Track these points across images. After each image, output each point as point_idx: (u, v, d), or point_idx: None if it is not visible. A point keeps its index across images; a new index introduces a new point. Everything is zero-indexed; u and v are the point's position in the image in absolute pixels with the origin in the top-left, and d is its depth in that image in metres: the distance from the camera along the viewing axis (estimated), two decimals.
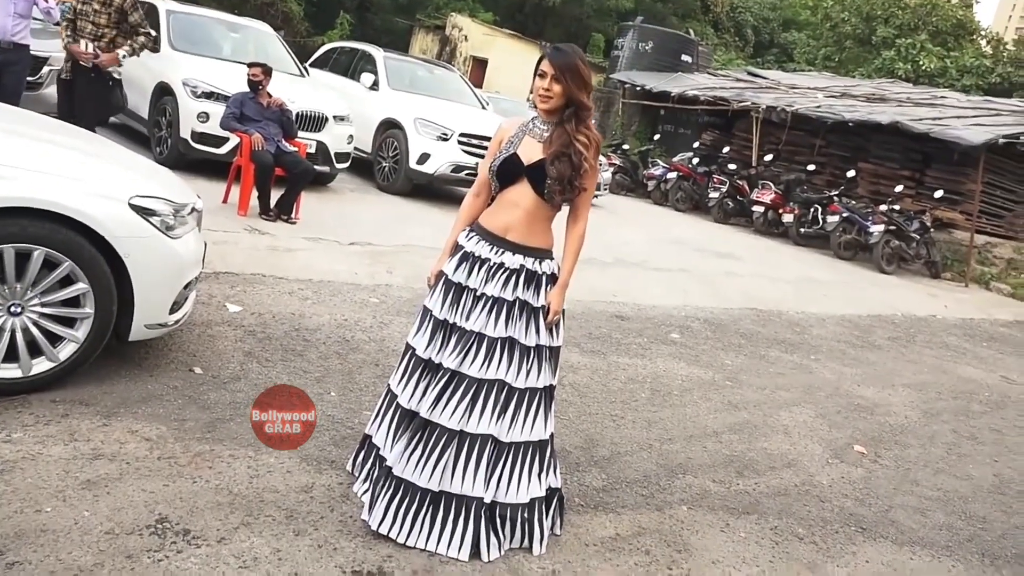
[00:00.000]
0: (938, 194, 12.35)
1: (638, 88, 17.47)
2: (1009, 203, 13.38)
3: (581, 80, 2.61)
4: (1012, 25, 61.95)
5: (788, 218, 12.64)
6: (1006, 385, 6.47)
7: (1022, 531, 3.69)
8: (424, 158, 9.07)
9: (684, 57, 18.99)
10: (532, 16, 27.56)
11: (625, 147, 15.85)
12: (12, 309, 3.06)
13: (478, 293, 2.66)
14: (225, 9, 12.87)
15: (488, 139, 7.23)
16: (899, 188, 12.47)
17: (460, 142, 9.08)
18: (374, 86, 10.01)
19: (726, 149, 14.76)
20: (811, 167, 13.51)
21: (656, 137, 16.73)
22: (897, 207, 12.07)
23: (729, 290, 8.12)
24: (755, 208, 13.09)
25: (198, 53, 8.34)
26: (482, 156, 5.10)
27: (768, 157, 14.24)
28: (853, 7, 24.70)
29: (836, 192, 12.57)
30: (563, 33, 26.01)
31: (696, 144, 15.50)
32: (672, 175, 14.36)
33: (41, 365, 3.11)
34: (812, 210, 12.51)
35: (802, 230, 12.52)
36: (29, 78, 6.90)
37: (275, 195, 7.02)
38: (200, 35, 8.73)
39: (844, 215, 11.93)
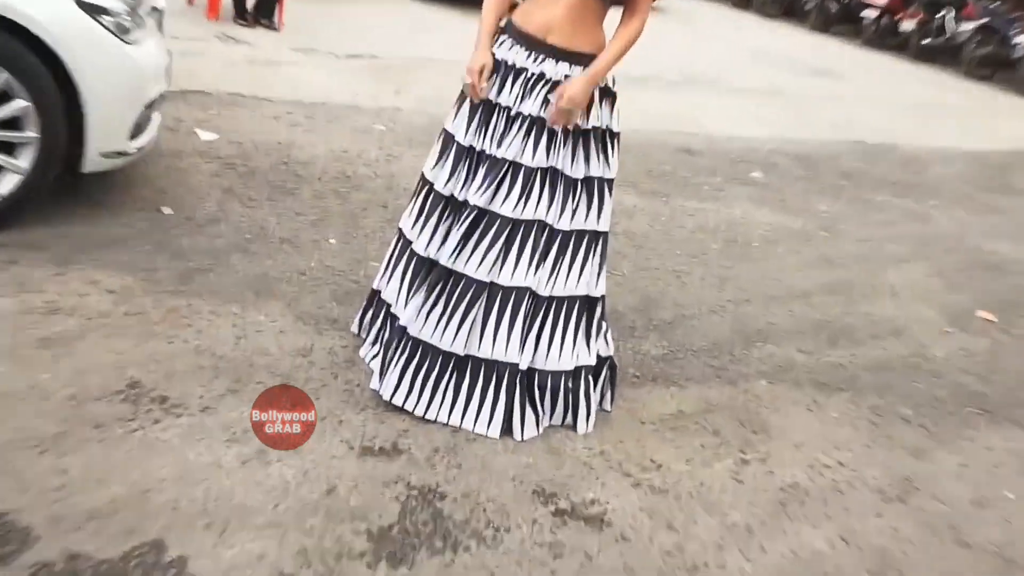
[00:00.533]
0: None
1: None
2: None
3: None
4: None
5: (908, 25, 12.05)
6: None
7: None
8: None
9: None
10: None
11: None
12: None
13: (512, 112, 2.57)
14: None
15: None
16: None
17: None
18: None
19: None
20: None
21: None
22: None
23: (828, 117, 7.88)
24: (865, 13, 12.48)
25: None
26: None
27: None
28: None
29: None
30: None
31: None
32: None
33: None
34: (940, 15, 11.90)
35: (925, 41, 11.95)
36: None
37: None
38: None
39: (982, 22, 11.34)
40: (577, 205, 2.64)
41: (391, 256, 2.86)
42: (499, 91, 2.60)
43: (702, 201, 5.18)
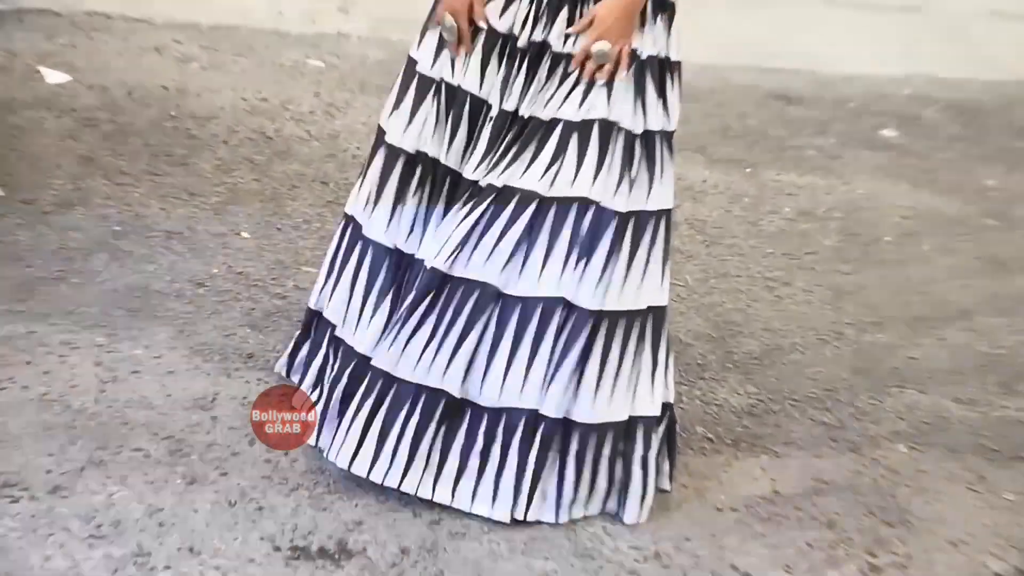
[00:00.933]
0: None
1: None
2: None
3: None
4: None
5: None
6: None
7: None
8: None
9: None
10: None
11: None
12: None
13: (521, 42, 2.60)
14: None
15: None
16: None
17: None
18: None
19: None
20: None
21: None
22: None
23: (998, 48, 7.86)
24: None
25: None
26: None
27: None
28: None
29: None
30: None
31: None
32: None
33: None
34: None
35: None
36: None
37: None
38: None
39: None
40: (637, 172, 2.66)
41: (335, 258, 2.87)
42: (501, 11, 2.62)
43: (805, 173, 5.19)
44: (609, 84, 2.58)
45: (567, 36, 2.57)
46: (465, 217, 2.58)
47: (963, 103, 6.58)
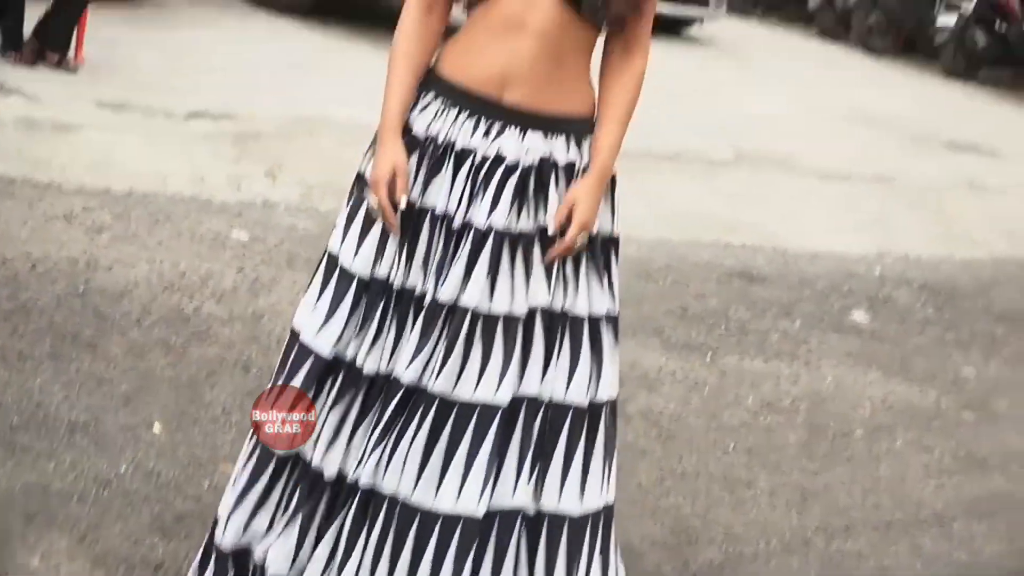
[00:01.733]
0: None
1: None
2: None
3: None
4: None
5: None
6: None
7: None
8: None
9: None
10: None
11: None
12: None
13: (456, 223, 2.59)
14: None
15: None
16: None
17: None
18: None
19: None
20: None
21: None
22: None
23: (975, 223, 7.97)
24: None
25: None
26: None
27: None
28: None
29: None
30: None
31: None
32: None
33: None
34: None
35: None
36: None
37: (33, 16, 6.93)
38: None
39: None
40: (577, 361, 2.67)
41: (255, 453, 2.86)
42: (424, 187, 2.61)
43: (770, 360, 5.23)
44: (553, 269, 2.62)
45: (519, 208, 2.58)
46: (388, 424, 2.59)
47: (938, 284, 6.66)
